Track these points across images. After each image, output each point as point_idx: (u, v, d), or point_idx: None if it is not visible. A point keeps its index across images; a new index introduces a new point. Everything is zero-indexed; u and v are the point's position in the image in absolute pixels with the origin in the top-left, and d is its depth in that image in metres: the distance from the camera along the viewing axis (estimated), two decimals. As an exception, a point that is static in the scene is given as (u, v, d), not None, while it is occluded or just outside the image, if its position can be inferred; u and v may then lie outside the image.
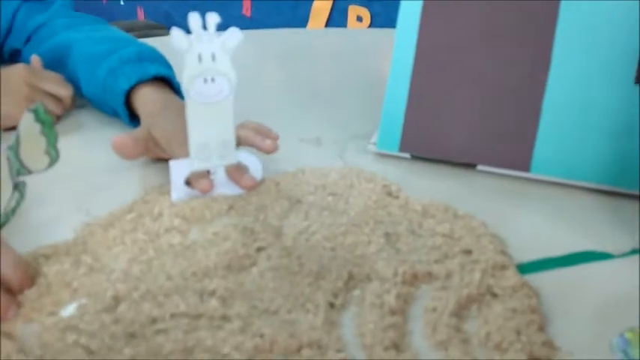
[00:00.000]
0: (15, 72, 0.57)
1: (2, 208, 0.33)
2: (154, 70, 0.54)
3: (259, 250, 0.37)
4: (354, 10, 1.76)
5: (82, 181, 0.47)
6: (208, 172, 0.43)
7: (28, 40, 0.70)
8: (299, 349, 0.29)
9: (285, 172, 0.47)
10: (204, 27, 0.38)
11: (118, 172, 0.48)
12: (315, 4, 1.84)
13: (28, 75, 0.57)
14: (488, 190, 0.47)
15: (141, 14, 2.67)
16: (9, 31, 0.70)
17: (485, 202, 0.45)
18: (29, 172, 0.35)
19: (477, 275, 0.34)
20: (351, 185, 0.45)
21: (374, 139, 0.52)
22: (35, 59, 0.60)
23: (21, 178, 0.34)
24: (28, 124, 0.33)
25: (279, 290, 0.33)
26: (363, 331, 0.30)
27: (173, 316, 0.30)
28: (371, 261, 0.36)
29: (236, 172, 0.44)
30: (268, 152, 0.45)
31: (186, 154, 0.42)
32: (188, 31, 0.38)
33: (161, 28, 2.35)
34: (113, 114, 0.56)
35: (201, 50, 0.39)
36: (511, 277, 0.34)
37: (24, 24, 0.69)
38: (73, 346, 0.28)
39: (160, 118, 0.48)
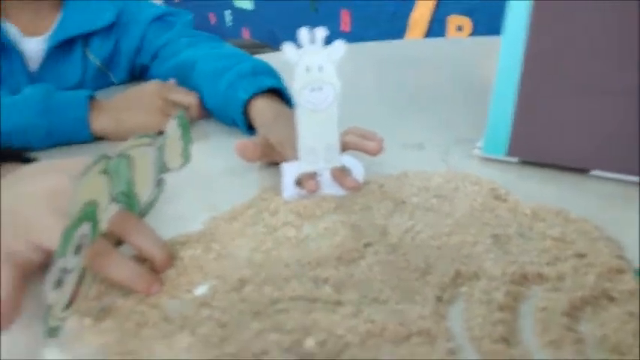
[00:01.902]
0: (149, 87, 0.64)
1: (144, 201, 0.38)
2: (268, 82, 0.59)
3: (366, 245, 0.39)
4: (453, 20, 1.74)
5: (207, 182, 0.52)
6: (315, 173, 0.46)
7: (154, 57, 0.79)
8: (408, 337, 0.30)
9: (389, 175, 0.49)
10: (312, 41, 0.42)
11: (238, 175, 0.53)
12: (413, 16, 1.85)
13: (160, 89, 0.64)
14: (601, 195, 0.46)
15: (246, 34, 2.84)
16: (139, 49, 0.79)
17: (597, 207, 0.43)
18: (167, 170, 0.40)
19: (592, 278, 0.33)
20: (456, 188, 0.46)
21: (479, 143, 0.53)
22: (172, 80, 0.67)
23: (161, 176, 0.39)
24: (173, 129, 0.38)
25: (387, 282, 0.35)
26: (472, 324, 0.31)
27: (291, 298, 0.33)
28: (478, 260, 0.36)
29: (340, 174, 0.46)
30: (373, 154, 0.47)
31: (296, 157, 0.46)
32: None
33: (265, 46, 2.49)
34: (232, 123, 0.62)
35: (309, 62, 0.42)
36: (629, 282, 0.33)
37: (151, 43, 0.78)
38: (208, 319, 0.32)
39: (275, 126, 0.53)
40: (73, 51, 0.76)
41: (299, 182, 0.46)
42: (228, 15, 3.12)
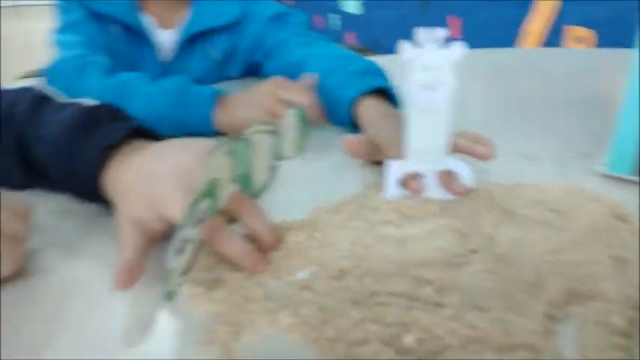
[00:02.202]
0: (263, 87, 0.63)
1: (259, 184, 0.40)
2: (377, 82, 0.60)
3: (472, 252, 0.38)
4: (573, 32, 1.63)
5: (312, 174, 0.53)
6: (420, 175, 0.46)
7: (268, 54, 0.82)
8: (512, 348, 0.29)
9: (499, 183, 0.47)
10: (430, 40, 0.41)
11: (341, 171, 0.53)
12: (528, 26, 1.76)
13: (273, 88, 0.63)
14: None
15: (351, 38, 2.87)
16: (255, 46, 0.83)
17: None
18: (282, 158, 0.41)
19: None
20: (573, 204, 0.43)
21: (602, 159, 0.49)
22: (308, 79, 0.65)
23: (276, 163, 0.41)
24: (290, 120, 0.40)
25: (492, 291, 0.33)
26: (587, 345, 0.29)
27: (391, 294, 0.33)
28: (595, 281, 0.34)
29: (447, 177, 0.45)
30: (484, 159, 0.46)
31: (401, 157, 0.45)
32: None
33: (368, 51, 2.50)
34: (339, 122, 0.63)
35: (426, 61, 0.42)
36: None
37: (266, 40, 0.82)
38: (309, 302, 0.33)
39: (381, 125, 0.53)
40: (197, 45, 0.82)
41: (402, 182, 0.46)
42: (333, 18, 3.18)
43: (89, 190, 0.41)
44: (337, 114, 0.62)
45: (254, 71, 0.86)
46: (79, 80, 0.66)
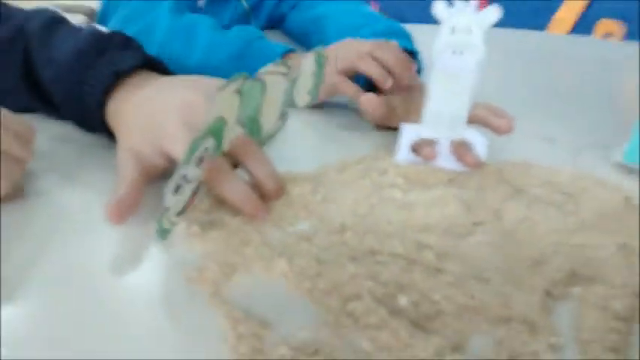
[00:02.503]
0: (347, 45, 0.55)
1: (266, 131, 0.39)
2: (401, 44, 0.58)
3: (476, 224, 0.37)
4: (603, 25, 1.59)
5: (322, 131, 0.52)
6: (434, 142, 0.44)
7: (293, 6, 0.80)
8: (508, 320, 0.28)
9: (510, 161, 0.46)
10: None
11: (352, 131, 0.52)
12: (557, 14, 1.71)
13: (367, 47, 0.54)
14: None
15: (375, 7, 2.80)
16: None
17: None
18: (293, 105, 0.40)
19: None
20: (584, 188, 0.42)
21: (619, 149, 0.48)
22: None
23: (286, 109, 0.40)
24: (309, 64, 0.38)
25: (493, 264, 0.33)
26: (582, 326, 0.28)
27: (391, 254, 0.32)
28: (599, 265, 0.33)
29: (461, 147, 0.44)
30: (502, 132, 0.45)
31: (416, 122, 0.44)
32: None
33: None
34: (357, 81, 0.61)
35: (457, 23, 0.40)
36: None
37: None
38: (306, 253, 0.32)
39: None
40: None
41: (415, 148, 0.45)
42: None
43: (92, 117, 0.40)
44: (356, 75, 0.60)
45: (278, 23, 0.84)
46: (150, 7, 0.63)
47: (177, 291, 0.29)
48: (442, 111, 0.43)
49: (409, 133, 0.45)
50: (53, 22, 0.46)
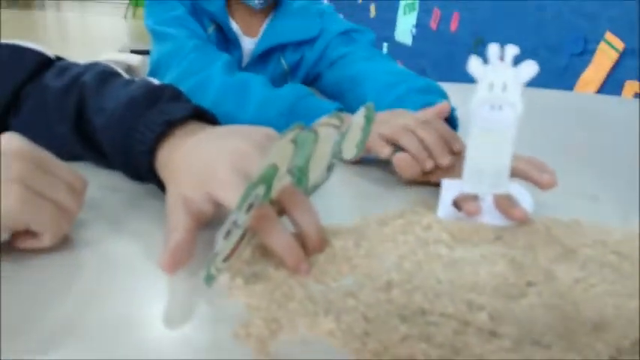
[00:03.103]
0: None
1: (313, 181, 0.38)
2: (436, 101, 0.58)
3: (529, 285, 0.35)
4: (630, 86, 1.59)
5: (358, 187, 0.52)
6: (477, 197, 0.44)
7: (329, 66, 0.82)
8: (575, 392, 0.26)
9: (558, 219, 0.45)
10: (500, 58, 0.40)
11: (388, 187, 0.52)
12: (585, 74, 1.73)
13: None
14: None
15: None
16: (319, 59, 0.83)
17: None
18: (340, 158, 0.40)
19: None
20: (636, 248, 0.40)
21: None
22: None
23: (334, 161, 0.39)
24: (359, 118, 0.39)
25: (552, 328, 0.31)
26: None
27: (442, 315, 0.31)
28: (666, 333, 0.31)
29: (505, 202, 0.43)
30: (545, 187, 0.44)
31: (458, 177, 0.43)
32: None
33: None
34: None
35: (494, 79, 0.40)
36: None
37: (331, 53, 0.82)
38: (353, 311, 0.31)
39: None
40: (272, 56, 0.82)
41: (457, 203, 0.44)
42: (384, 47, 3.20)
43: (142, 165, 0.41)
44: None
45: (313, 82, 0.86)
46: (205, 64, 0.66)
47: (222, 345, 0.28)
48: (483, 168, 0.42)
49: (451, 189, 0.44)
50: (107, 73, 0.48)
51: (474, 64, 0.40)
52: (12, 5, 5.90)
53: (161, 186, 0.41)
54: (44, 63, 0.52)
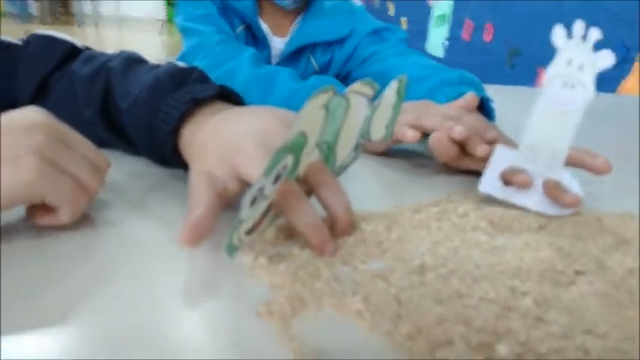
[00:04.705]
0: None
1: (340, 161, 0.36)
2: (470, 91, 0.55)
3: (578, 273, 0.32)
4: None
5: (390, 172, 0.50)
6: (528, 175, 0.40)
7: (360, 64, 0.80)
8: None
9: (608, 212, 0.41)
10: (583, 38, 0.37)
11: (419, 176, 0.49)
12: (624, 84, 1.67)
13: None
14: None
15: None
16: (350, 58, 0.82)
17: None
18: (368, 138, 0.38)
19: None
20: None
21: None
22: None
23: (362, 140, 0.37)
24: (389, 94, 0.36)
25: (606, 317, 0.28)
26: None
27: (481, 299, 0.28)
28: None
29: (555, 188, 0.40)
30: (600, 172, 0.40)
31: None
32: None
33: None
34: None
35: (573, 56, 0.37)
36: None
37: (362, 52, 0.80)
38: (383, 292, 0.28)
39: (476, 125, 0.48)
40: (302, 55, 0.82)
41: (505, 177, 0.41)
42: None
43: (166, 144, 0.39)
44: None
45: (343, 80, 0.84)
46: (232, 56, 0.66)
47: (244, 324, 0.26)
48: (541, 145, 0.39)
49: (502, 159, 0.41)
50: (133, 59, 0.48)
51: (559, 33, 0.38)
52: (54, 21, 6.15)
53: (186, 168, 0.39)
54: (73, 52, 0.52)
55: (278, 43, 0.81)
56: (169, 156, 0.40)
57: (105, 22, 6.65)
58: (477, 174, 0.44)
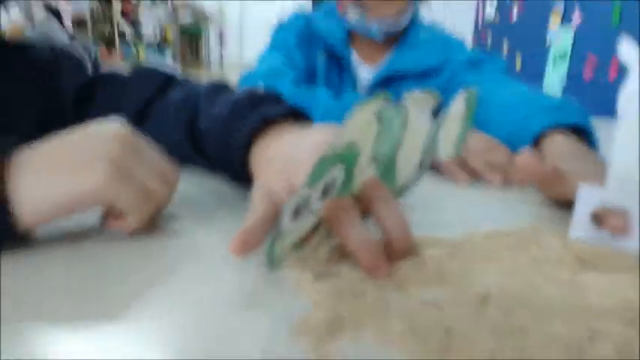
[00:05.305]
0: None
1: (403, 180, 0.34)
2: (572, 118, 0.50)
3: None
4: None
5: (466, 196, 0.46)
6: (623, 210, 0.35)
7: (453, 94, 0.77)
8: None
9: None
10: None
11: (503, 200, 0.45)
12: None
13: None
14: None
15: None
16: (445, 88, 0.79)
17: None
18: (435, 155, 0.35)
19: None
20: None
21: None
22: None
23: (427, 158, 0.35)
24: (459, 106, 0.34)
25: None
26: None
27: (550, 338, 0.24)
28: None
29: None
30: None
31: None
32: None
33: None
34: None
35: None
36: None
37: (457, 81, 0.77)
38: (434, 321, 0.26)
39: (570, 159, 0.44)
40: (392, 85, 0.81)
41: (598, 217, 0.36)
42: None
43: (236, 161, 0.41)
44: (519, 148, 0.53)
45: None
46: (270, 86, 0.70)
47: (280, 339, 0.25)
48: (632, 175, 0.34)
49: (589, 198, 0.36)
50: (221, 86, 0.50)
51: (625, 48, 0.33)
52: (186, 67, 6.84)
53: None
54: (173, 81, 0.57)
55: (366, 73, 0.81)
56: (239, 171, 0.41)
57: (228, 66, 7.27)
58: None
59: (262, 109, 0.42)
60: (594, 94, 2.41)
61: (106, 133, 0.34)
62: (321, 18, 0.82)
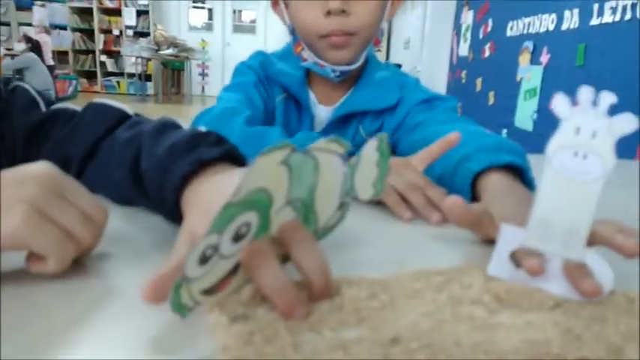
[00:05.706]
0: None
1: (323, 222, 0.35)
2: (507, 158, 0.52)
3: (583, 361, 0.27)
4: None
5: (400, 234, 0.47)
6: (542, 256, 0.36)
7: (407, 132, 0.79)
8: None
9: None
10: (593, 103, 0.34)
11: (438, 237, 0.46)
12: None
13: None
14: None
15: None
16: (399, 127, 0.81)
17: None
18: (354, 196, 0.36)
19: None
20: None
21: None
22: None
23: (347, 199, 0.36)
24: (369, 151, 0.35)
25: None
26: None
27: (446, 381, 0.25)
28: None
29: (577, 271, 0.35)
30: (626, 253, 0.35)
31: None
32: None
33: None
34: (457, 192, 0.56)
35: (582, 123, 0.34)
36: None
37: (411, 120, 0.79)
38: (336, 363, 0.26)
39: (502, 199, 0.45)
40: (350, 124, 0.83)
41: (516, 258, 0.37)
42: (504, 133, 3.08)
43: (169, 202, 0.41)
44: (456, 187, 0.55)
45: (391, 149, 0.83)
46: (224, 125, 0.70)
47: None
48: (554, 221, 0.35)
49: (511, 238, 0.37)
50: (167, 125, 0.51)
51: (559, 102, 0.35)
52: (167, 101, 6.86)
53: None
54: (125, 119, 0.57)
55: (323, 112, 0.83)
56: (174, 213, 0.42)
57: (211, 100, 7.32)
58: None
59: (199, 151, 0.42)
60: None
61: (28, 176, 0.34)
62: (279, 57, 0.84)
